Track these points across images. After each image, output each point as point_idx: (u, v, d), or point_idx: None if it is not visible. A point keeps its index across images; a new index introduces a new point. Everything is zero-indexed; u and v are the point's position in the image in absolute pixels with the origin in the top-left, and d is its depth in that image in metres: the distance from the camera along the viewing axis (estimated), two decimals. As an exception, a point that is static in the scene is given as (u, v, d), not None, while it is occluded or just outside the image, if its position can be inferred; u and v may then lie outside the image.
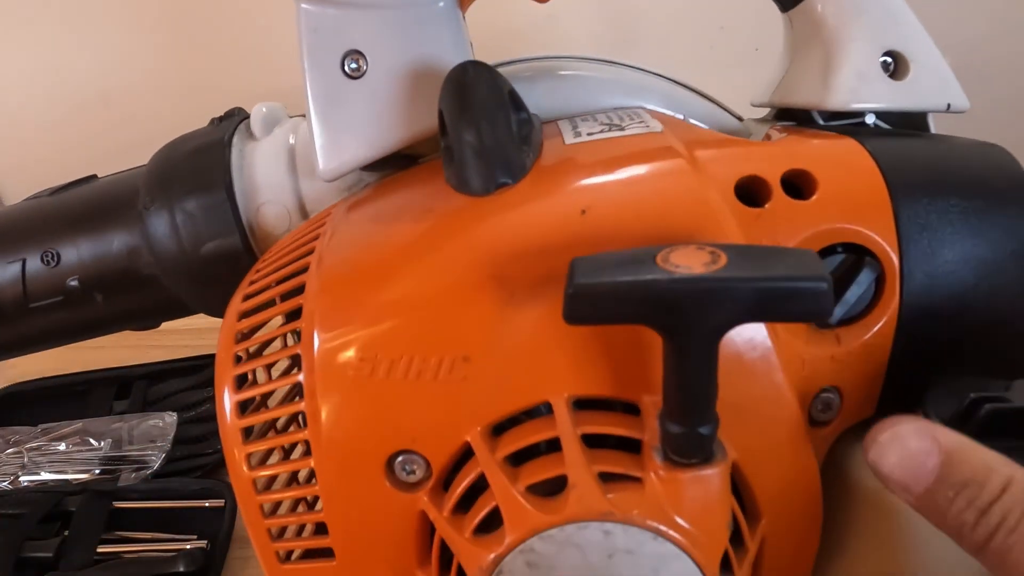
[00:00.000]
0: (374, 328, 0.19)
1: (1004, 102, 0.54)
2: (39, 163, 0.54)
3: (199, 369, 0.45)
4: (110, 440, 0.41)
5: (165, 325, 0.33)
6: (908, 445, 0.16)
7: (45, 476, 0.40)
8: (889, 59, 0.23)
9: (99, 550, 0.37)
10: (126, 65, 0.52)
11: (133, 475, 0.39)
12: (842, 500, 0.21)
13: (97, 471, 0.40)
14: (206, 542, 0.38)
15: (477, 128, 0.20)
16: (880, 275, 0.20)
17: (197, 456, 0.41)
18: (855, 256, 0.20)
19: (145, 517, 0.39)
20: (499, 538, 0.17)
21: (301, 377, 0.20)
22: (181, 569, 0.36)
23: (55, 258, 0.28)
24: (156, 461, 0.40)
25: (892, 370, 0.20)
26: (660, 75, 0.28)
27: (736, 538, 0.19)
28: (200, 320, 0.32)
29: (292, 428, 0.22)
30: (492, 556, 0.17)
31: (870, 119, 0.24)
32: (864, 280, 0.19)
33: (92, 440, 0.41)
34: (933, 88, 0.23)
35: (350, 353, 0.19)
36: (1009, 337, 0.20)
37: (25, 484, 0.40)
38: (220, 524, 0.38)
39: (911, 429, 0.16)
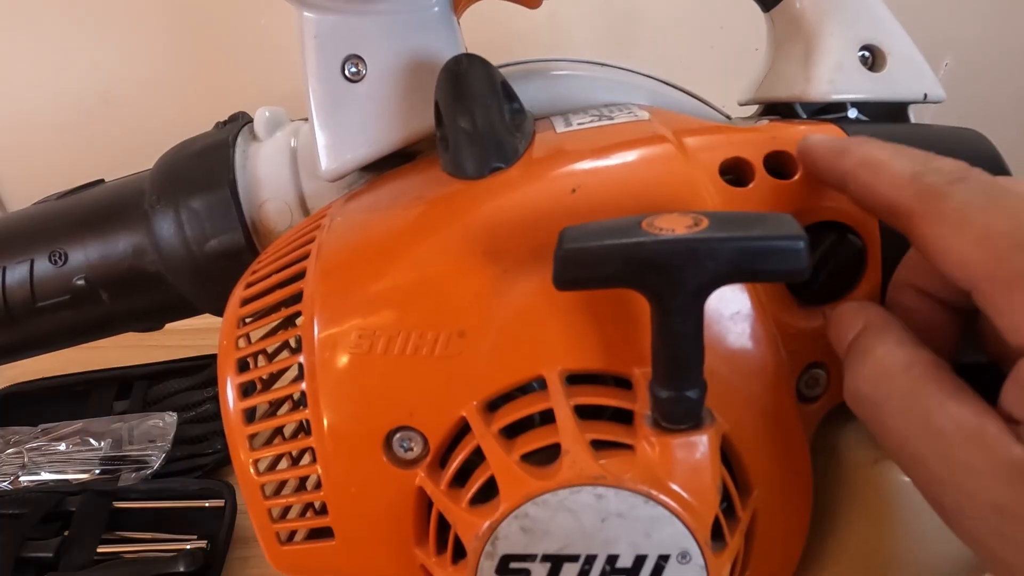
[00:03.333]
0: (373, 306, 0.20)
1: (1003, 101, 0.55)
2: (41, 167, 0.54)
3: (199, 369, 0.45)
4: (110, 440, 0.41)
5: (166, 325, 0.34)
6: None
7: (45, 476, 0.40)
8: (867, 53, 0.24)
9: (99, 550, 0.37)
10: (128, 69, 0.53)
11: (133, 475, 0.40)
12: (832, 477, 0.22)
13: (97, 471, 0.40)
14: (206, 542, 0.38)
15: (471, 114, 0.20)
16: (862, 251, 0.20)
17: (197, 456, 0.41)
18: (837, 233, 0.20)
19: (145, 517, 0.39)
20: (494, 506, 0.18)
21: (302, 358, 0.21)
22: (181, 569, 0.37)
23: (62, 257, 0.29)
24: (156, 461, 0.40)
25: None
26: (649, 75, 0.29)
27: (728, 509, 0.19)
28: (201, 320, 0.32)
29: (293, 409, 0.22)
30: (488, 523, 0.18)
31: (852, 113, 0.25)
32: (845, 257, 0.20)
33: (92, 440, 0.41)
34: (910, 79, 0.24)
35: (349, 332, 0.20)
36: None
37: (25, 484, 0.40)
38: (220, 524, 0.38)
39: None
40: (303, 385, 0.20)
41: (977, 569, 0.21)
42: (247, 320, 0.23)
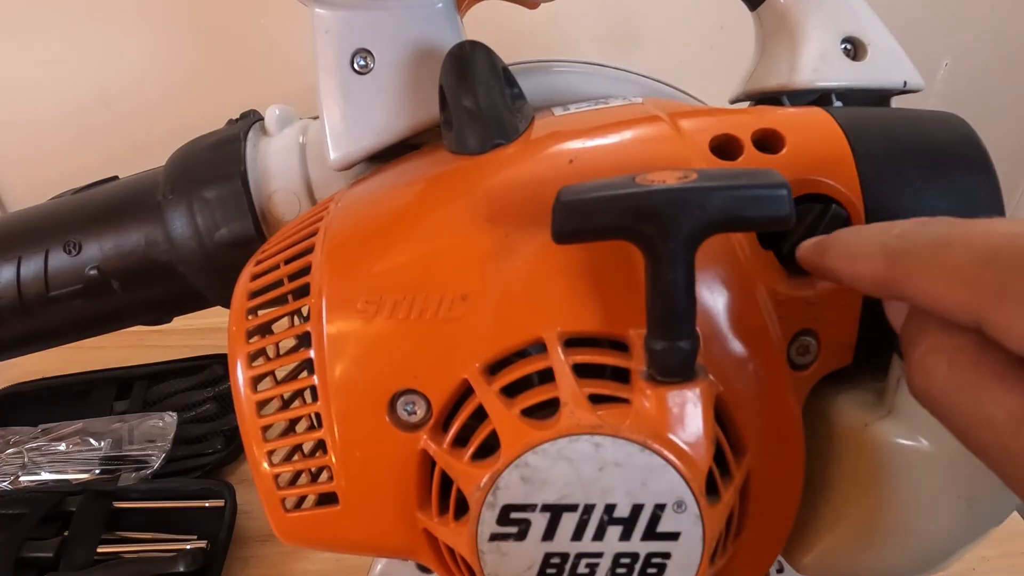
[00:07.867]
0: (379, 272, 0.21)
1: (1003, 101, 0.56)
2: (41, 168, 0.54)
3: (199, 369, 0.45)
4: (110, 440, 0.41)
5: (165, 325, 0.34)
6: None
7: (45, 476, 0.40)
8: (848, 45, 0.26)
9: (99, 550, 0.37)
10: (128, 71, 0.53)
11: (133, 475, 0.40)
12: (825, 444, 0.22)
13: (97, 471, 0.40)
14: (206, 542, 0.38)
15: (474, 93, 0.22)
16: (847, 221, 0.21)
17: (197, 456, 0.41)
18: (823, 205, 0.21)
19: (145, 517, 0.39)
20: (496, 458, 0.18)
21: (310, 327, 0.21)
22: (181, 569, 0.37)
23: (76, 247, 0.30)
24: (156, 461, 0.40)
25: (865, 317, 0.22)
26: (642, 75, 0.31)
27: (723, 469, 0.20)
28: (201, 320, 0.33)
29: (300, 376, 0.23)
30: (489, 473, 0.18)
31: (837, 105, 0.26)
32: (831, 226, 0.21)
33: (92, 440, 0.41)
34: (889, 68, 0.25)
35: (356, 298, 0.20)
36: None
37: (25, 484, 0.40)
38: (220, 524, 0.39)
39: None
40: (311, 352, 0.21)
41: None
42: (256, 294, 0.23)
